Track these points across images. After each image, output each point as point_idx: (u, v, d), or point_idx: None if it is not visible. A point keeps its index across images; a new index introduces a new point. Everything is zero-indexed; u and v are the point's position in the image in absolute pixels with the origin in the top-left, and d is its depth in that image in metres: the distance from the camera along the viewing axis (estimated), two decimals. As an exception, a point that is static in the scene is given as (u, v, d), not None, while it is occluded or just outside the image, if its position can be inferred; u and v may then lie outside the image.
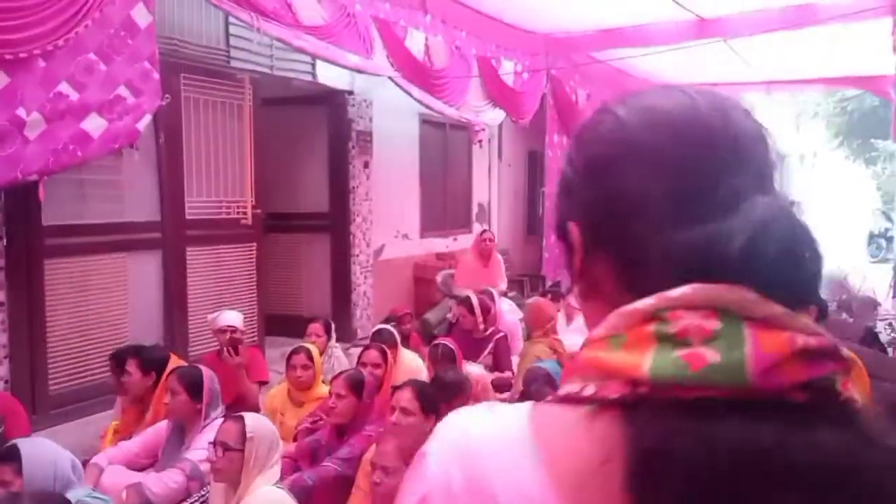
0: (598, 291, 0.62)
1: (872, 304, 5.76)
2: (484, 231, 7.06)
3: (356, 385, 3.10)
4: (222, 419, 2.72)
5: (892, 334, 6.75)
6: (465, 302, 5.34)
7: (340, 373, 3.25)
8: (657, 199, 0.58)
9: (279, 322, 6.65)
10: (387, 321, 5.45)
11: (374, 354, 3.77)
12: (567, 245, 0.65)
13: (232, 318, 4.26)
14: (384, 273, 7.30)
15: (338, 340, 6.38)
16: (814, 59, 9.07)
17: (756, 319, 0.51)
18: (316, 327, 4.54)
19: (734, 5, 6.58)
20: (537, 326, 4.65)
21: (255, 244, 5.79)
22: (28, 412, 3.69)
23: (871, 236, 16.21)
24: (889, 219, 15.72)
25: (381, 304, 7.08)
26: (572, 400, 0.54)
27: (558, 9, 6.72)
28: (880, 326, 5.87)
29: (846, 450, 0.49)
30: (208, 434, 2.77)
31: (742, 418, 0.48)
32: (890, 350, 5.68)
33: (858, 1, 6.21)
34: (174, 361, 3.71)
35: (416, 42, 6.15)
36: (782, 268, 0.52)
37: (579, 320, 5.88)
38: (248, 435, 2.39)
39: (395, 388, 2.79)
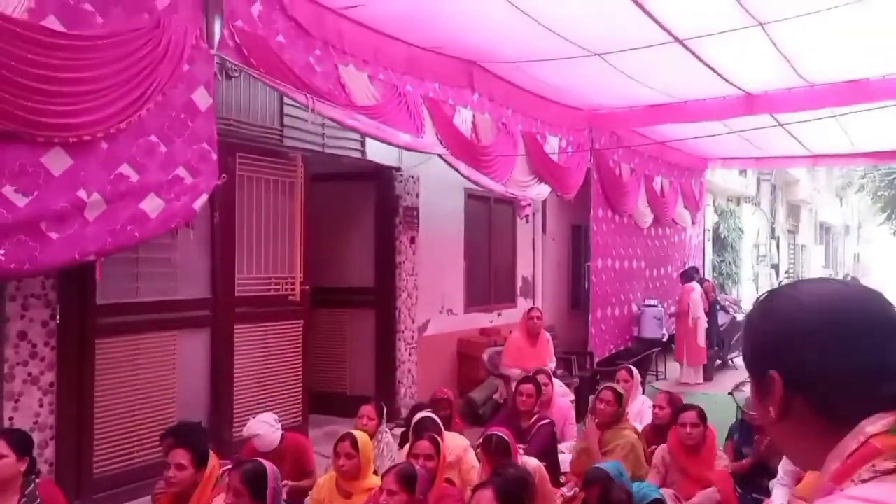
0: (794, 417, 0.88)
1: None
2: (531, 309, 6.89)
3: (409, 480, 2.92)
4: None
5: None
6: (531, 381, 5.12)
7: (392, 467, 3.07)
8: (860, 362, 0.85)
9: (323, 400, 6.52)
10: (419, 407, 5.10)
11: (425, 445, 3.58)
12: (756, 378, 0.93)
13: (255, 428, 4.06)
14: (428, 349, 7.16)
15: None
16: (861, 132, 8.91)
17: None
18: (368, 409, 4.36)
19: (783, 80, 6.51)
20: (617, 416, 4.40)
21: (301, 321, 5.73)
22: (70, 498, 3.58)
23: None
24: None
25: (426, 381, 6.91)
26: (893, 471, 0.77)
27: (602, 86, 6.75)
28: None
29: None
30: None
31: None
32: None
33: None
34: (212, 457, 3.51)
35: (463, 119, 6.21)
36: None
37: (633, 406, 5.61)
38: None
39: (474, 490, 2.59)
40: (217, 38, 4.08)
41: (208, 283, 4.97)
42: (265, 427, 4.01)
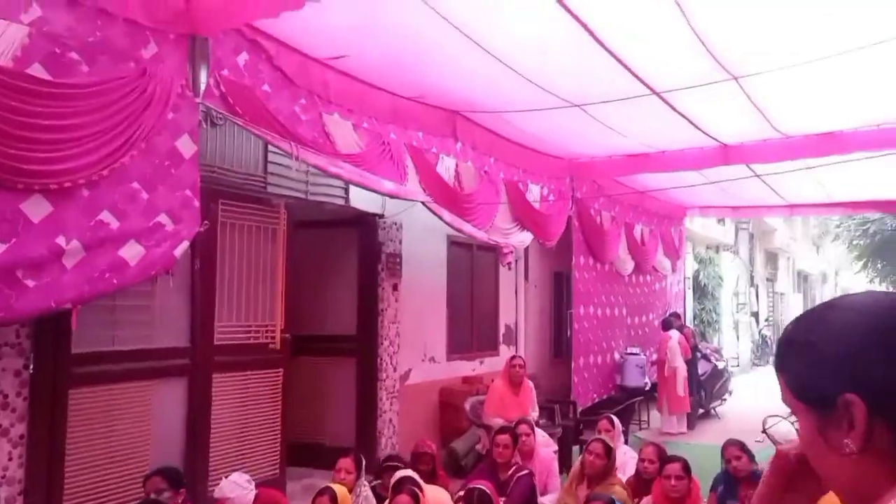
0: (879, 456, 0.77)
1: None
2: (514, 357, 6.86)
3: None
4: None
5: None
6: (507, 431, 5.06)
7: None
8: None
9: (302, 451, 6.39)
10: (393, 458, 4.97)
11: (405, 500, 3.50)
12: (819, 408, 0.82)
13: (226, 490, 3.97)
14: (410, 398, 7.06)
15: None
16: (835, 183, 9.11)
17: None
18: (346, 462, 4.28)
19: (758, 132, 6.67)
20: (606, 471, 4.33)
21: (281, 369, 5.64)
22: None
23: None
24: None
25: (407, 431, 6.80)
26: None
27: (582, 136, 6.87)
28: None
29: None
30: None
31: None
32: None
33: (890, 133, 6.25)
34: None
35: (447, 167, 6.27)
36: None
37: (617, 456, 5.54)
38: None
39: None
40: (203, 86, 4.11)
41: (187, 331, 4.89)
42: (237, 489, 3.91)
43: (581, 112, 5.82)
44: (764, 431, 1.07)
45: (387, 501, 3.94)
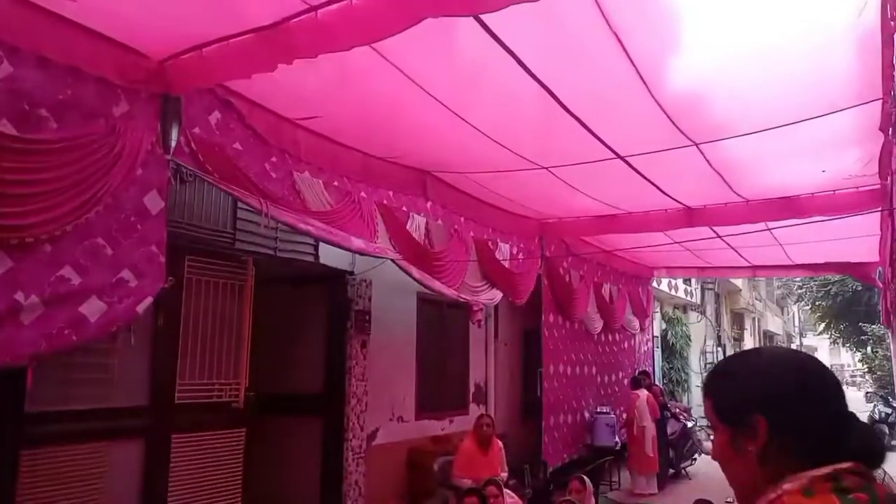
0: (769, 463, 1.03)
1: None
2: (482, 416, 6.80)
3: None
4: None
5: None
6: (476, 493, 4.97)
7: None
8: (828, 413, 1.03)
9: (262, 514, 6.17)
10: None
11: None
12: (734, 425, 1.09)
13: None
14: (378, 459, 6.91)
15: (325, 536, 5.91)
16: (794, 245, 9.36)
17: (874, 480, 0.95)
18: None
19: (719, 196, 6.87)
20: None
21: (244, 429, 5.50)
22: None
23: (873, 422, 15.80)
24: (888, 404, 15.42)
25: (374, 493, 6.64)
26: None
27: (550, 197, 7.01)
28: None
29: None
30: None
31: None
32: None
33: (846, 197, 6.48)
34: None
35: (417, 226, 6.32)
36: (879, 455, 1.02)
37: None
38: None
39: None
40: (173, 144, 4.13)
41: (147, 390, 4.77)
42: None
43: (549, 174, 5.95)
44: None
45: None
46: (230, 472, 5.36)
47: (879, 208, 6.59)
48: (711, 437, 1.16)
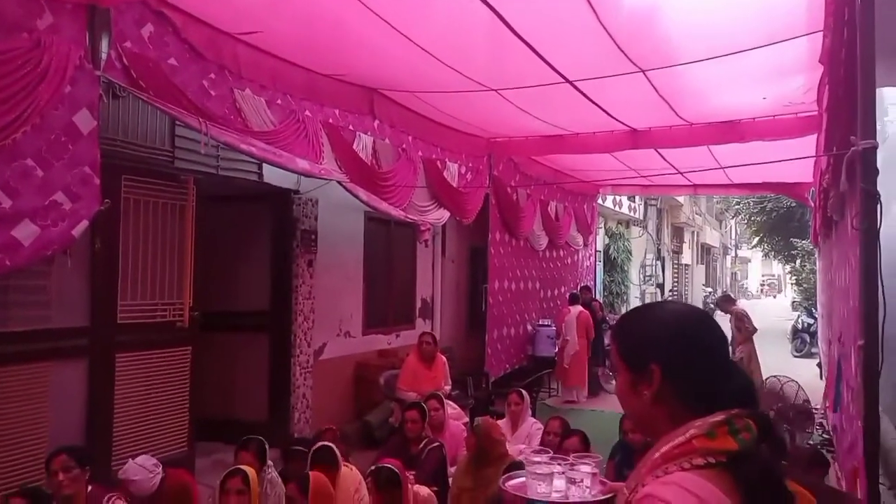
0: (662, 404, 1.18)
1: (808, 414, 5.93)
2: (423, 334, 6.98)
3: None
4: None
5: (825, 435, 6.92)
6: (417, 407, 5.18)
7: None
8: (714, 362, 1.19)
9: (213, 426, 6.31)
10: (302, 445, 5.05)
11: (319, 477, 3.59)
12: (634, 369, 1.22)
13: (131, 473, 3.93)
14: (325, 373, 7.09)
15: (275, 446, 6.09)
16: (736, 166, 9.61)
17: (754, 419, 1.15)
18: (247, 457, 4.21)
19: (664, 120, 6.97)
20: (491, 450, 4.49)
21: (189, 347, 5.53)
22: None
23: (796, 332, 16.86)
24: (811, 314, 16.42)
25: (322, 406, 6.85)
26: (703, 467, 1.09)
27: (499, 117, 6.98)
28: (815, 437, 6.05)
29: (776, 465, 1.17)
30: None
31: (764, 457, 1.13)
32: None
33: (784, 123, 6.65)
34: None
35: (364, 145, 6.24)
36: (755, 398, 1.22)
37: (523, 428, 5.79)
38: None
39: None
40: (104, 58, 3.93)
41: (87, 311, 4.72)
42: (142, 473, 3.86)
43: (498, 96, 5.89)
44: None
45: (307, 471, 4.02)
46: (177, 389, 5.44)
47: (815, 133, 6.82)
48: (614, 379, 1.33)
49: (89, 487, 3.62)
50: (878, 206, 2.20)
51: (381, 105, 6.33)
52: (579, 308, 10.30)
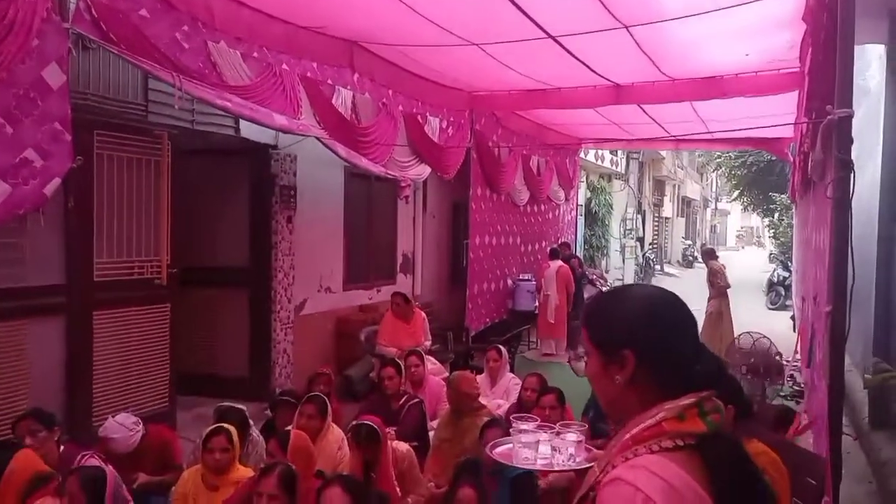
0: (635, 388, 1.19)
1: (778, 369, 6.09)
2: (394, 294, 7.03)
3: (289, 484, 2.92)
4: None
5: (796, 387, 7.14)
6: (392, 363, 5.24)
7: (269, 468, 3.04)
8: (685, 346, 1.21)
9: (194, 381, 6.36)
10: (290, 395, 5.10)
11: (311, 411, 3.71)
12: (607, 355, 1.22)
13: (111, 431, 3.95)
14: (305, 328, 7.13)
15: (256, 400, 6.17)
16: (718, 121, 9.63)
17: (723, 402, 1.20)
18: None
19: (647, 75, 6.91)
20: (466, 399, 4.58)
21: (168, 304, 5.52)
22: None
23: (771, 284, 17.16)
24: (787, 268, 16.70)
25: (302, 361, 6.90)
26: (672, 449, 1.11)
27: (481, 72, 6.88)
28: (786, 389, 6.23)
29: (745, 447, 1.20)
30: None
31: (733, 438, 1.18)
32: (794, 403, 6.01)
33: (767, 79, 6.62)
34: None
35: (343, 100, 6.12)
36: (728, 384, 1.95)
37: (501, 383, 5.89)
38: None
39: (322, 487, 2.65)
40: (72, 10, 3.79)
41: (62, 269, 4.68)
42: (122, 431, 3.89)
43: (479, 50, 5.79)
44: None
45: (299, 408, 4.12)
46: (156, 346, 5.45)
47: (797, 89, 6.82)
48: (585, 360, 1.30)
49: (62, 447, 3.64)
50: (852, 174, 2.22)
51: (360, 58, 6.19)
52: (559, 263, 10.37)
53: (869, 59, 7.32)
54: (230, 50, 4.86)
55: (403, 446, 4.16)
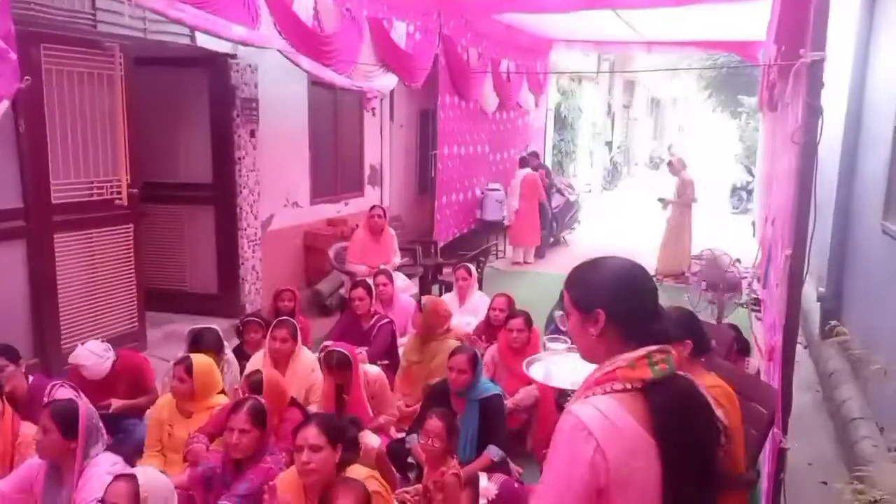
0: (605, 340, 1.45)
1: (737, 284, 6.29)
2: (373, 207, 6.96)
3: (260, 418, 2.99)
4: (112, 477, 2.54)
5: (754, 295, 7.39)
6: (363, 284, 5.28)
7: (240, 403, 3.09)
8: (645, 308, 1.47)
9: (163, 297, 6.36)
10: (256, 317, 5.09)
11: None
12: (583, 313, 1.48)
13: (81, 358, 3.94)
14: (273, 244, 7.08)
15: (226, 316, 6.21)
16: (690, 24, 9.43)
17: (671, 353, 1.44)
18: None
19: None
20: (436, 327, 4.66)
21: (131, 225, 5.42)
22: None
23: (734, 189, 17.39)
24: (750, 172, 16.89)
25: (271, 276, 6.90)
26: (621, 391, 1.36)
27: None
28: (744, 297, 6.45)
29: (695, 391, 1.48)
30: (93, 479, 2.63)
31: (679, 384, 1.42)
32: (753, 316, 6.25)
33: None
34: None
35: (304, 6, 5.79)
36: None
37: (470, 301, 5.99)
38: (142, 495, 2.29)
39: (298, 427, 2.71)
40: (2, -88, 3.45)
41: (18, 193, 4.52)
42: (93, 358, 3.90)
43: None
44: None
45: (270, 332, 4.19)
46: (122, 267, 5.39)
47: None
48: (564, 318, 1.64)
49: (30, 378, 3.64)
50: (820, 120, 2.21)
51: (322, -40, 5.83)
52: (526, 171, 10.37)
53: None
54: (181, -45, 4.52)
55: (374, 369, 4.26)
